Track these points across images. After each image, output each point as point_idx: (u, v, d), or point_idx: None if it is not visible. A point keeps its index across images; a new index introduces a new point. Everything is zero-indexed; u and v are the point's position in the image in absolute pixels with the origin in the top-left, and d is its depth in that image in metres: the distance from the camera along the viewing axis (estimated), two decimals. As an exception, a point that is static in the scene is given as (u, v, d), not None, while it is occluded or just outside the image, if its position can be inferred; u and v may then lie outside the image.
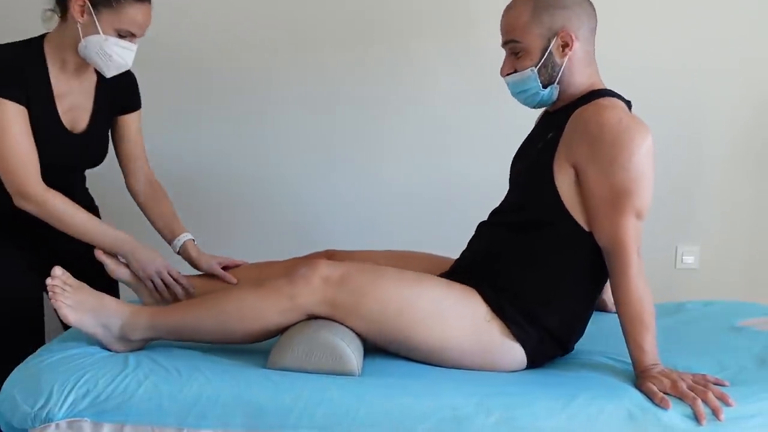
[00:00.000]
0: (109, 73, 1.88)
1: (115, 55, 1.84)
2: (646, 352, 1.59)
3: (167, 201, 2.08)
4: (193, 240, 2.03)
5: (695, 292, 2.68)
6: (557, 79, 1.72)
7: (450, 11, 2.73)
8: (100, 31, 1.81)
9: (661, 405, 1.50)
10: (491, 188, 1.96)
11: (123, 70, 1.89)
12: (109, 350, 1.69)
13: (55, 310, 1.68)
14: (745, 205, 2.87)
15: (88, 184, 2.13)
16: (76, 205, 1.85)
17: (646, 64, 2.72)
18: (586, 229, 1.67)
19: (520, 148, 1.91)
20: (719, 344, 1.81)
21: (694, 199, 2.85)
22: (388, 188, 2.82)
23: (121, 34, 1.83)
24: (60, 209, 1.83)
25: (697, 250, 2.87)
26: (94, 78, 1.96)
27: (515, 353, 1.69)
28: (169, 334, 1.71)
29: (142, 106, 2.08)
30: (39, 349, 1.70)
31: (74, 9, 1.80)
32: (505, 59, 1.76)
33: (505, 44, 1.75)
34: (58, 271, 1.69)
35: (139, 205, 2.08)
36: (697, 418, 1.48)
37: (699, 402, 1.50)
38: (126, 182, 2.08)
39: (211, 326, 1.68)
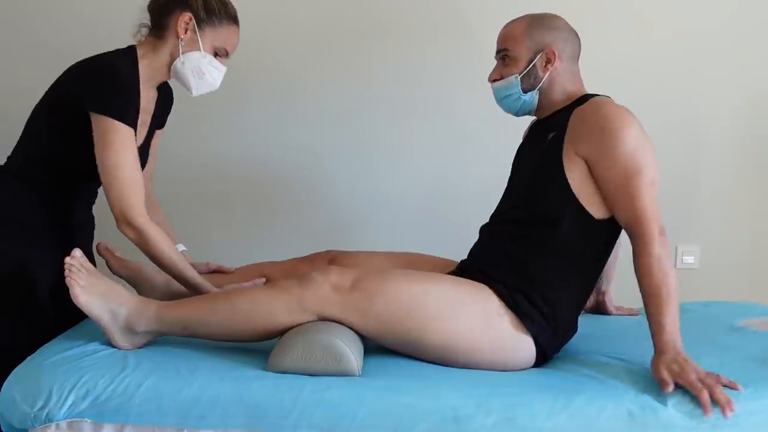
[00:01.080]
0: (198, 92, 1.94)
1: (209, 74, 1.90)
2: (666, 332, 1.58)
3: (162, 213, 2.10)
4: (186, 250, 2.07)
5: (695, 292, 2.68)
6: (537, 87, 1.86)
7: (469, 16, 2.74)
8: (201, 48, 1.87)
9: (663, 390, 1.51)
10: (500, 190, 1.98)
11: (211, 90, 1.95)
12: (110, 343, 1.69)
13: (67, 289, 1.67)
14: (745, 205, 2.87)
15: None
16: (168, 239, 1.84)
17: (645, 64, 2.73)
18: (596, 216, 1.74)
19: (517, 156, 2.00)
20: (719, 344, 1.81)
21: (694, 199, 2.85)
22: (393, 188, 2.83)
23: (218, 53, 1.90)
24: (157, 241, 1.80)
25: (697, 250, 2.87)
26: (156, 94, 1.99)
27: (526, 347, 1.72)
28: (174, 328, 1.71)
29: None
30: (39, 349, 1.70)
31: (179, 25, 1.85)
32: (494, 67, 1.92)
33: (497, 53, 1.91)
34: (77, 252, 1.70)
35: None
36: (702, 408, 1.48)
37: (706, 393, 1.49)
38: None
39: (220, 321, 1.69)
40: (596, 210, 1.74)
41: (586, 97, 1.84)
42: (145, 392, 1.54)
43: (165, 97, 2.04)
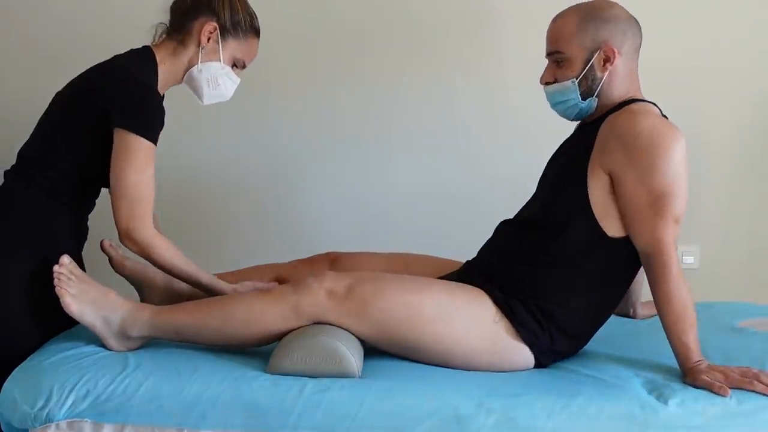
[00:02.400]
0: (209, 101, 1.93)
1: (223, 85, 1.89)
2: (691, 350, 1.62)
3: (157, 217, 2.07)
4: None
5: (695, 292, 2.64)
6: (596, 92, 1.73)
7: (466, 12, 2.74)
8: (222, 60, 1.86)
9: (720, 393, 1.54)
10: (500, 190, 1.98)
11: (222, 100, 1.94)
12: (105, 347, 1.69)
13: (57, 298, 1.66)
14: (745, 205, 2.86)
15: None
16: (174, 247, 1.81)
17: (645, 63, 2.72)
18: (609, 234, 1.68)
19: (554, 154, 1.91)
20: (719, 345, 1.81)
21: (694, 199, 2.82)
22: (394, 189, 2.82)
23: (236, 64, 1.89)
24: (164, 254, 1.77)
25: (697, 250, 2.87)
26: None
27: (523, 354, 1.70)
28: (169, 333, 1.71)
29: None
30: (39, 349, 1.70)
31: (203, 33, 1.83)
32: (546, 68, 1.78)
33: (549, 54, 1.77)
34: (65, 259, 1.69)
35: None
36: (764, 393, 1.55)
37: (756, 383, 1.55)
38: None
39: (215, 328, 1.69)
40: (611, 228, 1.68)
41: (626, 102, 1.72)
42: (146, 392, 1.54)
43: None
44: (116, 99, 1.75)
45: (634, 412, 1.51)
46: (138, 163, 1.73)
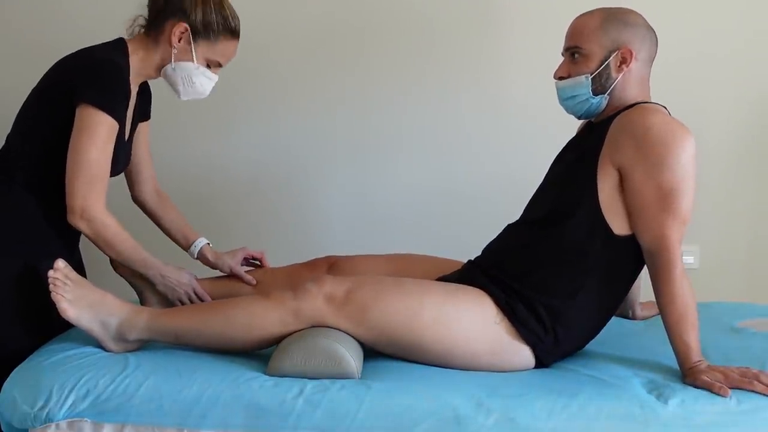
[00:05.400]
0: (186, 97, 1.92)
1: (199, 83, 1.89)
2: (692, 350, 1.62)
3: (175, 208, 2.08)
4: (209, 243, 2.04)
5: (695, 292, 2.67)
6: (608, 91, 1.74)
7: (473, 14, 2.74)
8: (194, 60, 1.85)
9: (720, 393, 1.54)
10: (508, 190, 1.96)
11: (199, 97, 1.93)
12: (104, 349, 1.69)
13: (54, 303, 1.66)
14: (745, 205, 2.86)
15: None
16: (125, 231, 1.80)
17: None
18: (615, 232, 1.68)
19: (560, 153, 1.91)
20: (719, 345, 1.81)
21: (694, 198, 2.84)
22: (402, 189, 2.83)
23: (210, 64, 1.89)
24: (115, 235, 1.77)
25: (697, 250, 2.86)
26: (137, 87, 1.96)
27: (524, 354, 1.70)
28: (167, 337, 1.71)
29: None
30: (39, 349, 1.70)
31: (174, 35, 1.83)
32: (562, 63, 1.79)
33: (566, 49, 1.78)
34: (60, 263, 1.68)
35: (147, 213, 2.07)
36: (764, 393, 1.55)
37: (756, 383, 1.56)
38: (132, 191, 2.06)
39: (214, 332, 1.69)
40: (617, 225, 1.68)
41: (636, 104, 1.74)
42: (146, 392, 1.54)
43: (143, 90, 1.99)
44: (81, 75, 1.76)
45: (633, 412, 1.51)
46: (100, 138, 1.72)
